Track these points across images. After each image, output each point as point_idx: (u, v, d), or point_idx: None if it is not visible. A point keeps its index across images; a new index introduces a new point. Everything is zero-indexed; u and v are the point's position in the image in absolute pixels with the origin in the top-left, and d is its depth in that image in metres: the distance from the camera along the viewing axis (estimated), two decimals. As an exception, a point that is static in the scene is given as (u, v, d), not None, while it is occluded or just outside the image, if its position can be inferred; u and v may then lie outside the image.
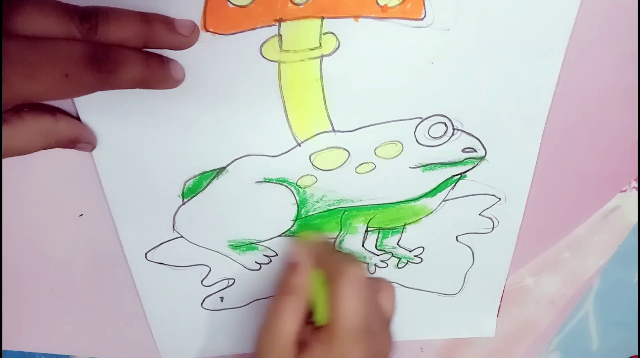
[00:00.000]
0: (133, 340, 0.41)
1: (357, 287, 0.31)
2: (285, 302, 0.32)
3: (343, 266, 0.31)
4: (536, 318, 0.44)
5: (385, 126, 0.32)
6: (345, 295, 0.30)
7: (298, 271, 0.33)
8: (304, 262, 0.33)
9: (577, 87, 0.33)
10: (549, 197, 0.38)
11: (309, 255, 0.33)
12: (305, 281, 0.33)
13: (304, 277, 0.33)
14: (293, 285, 0.33)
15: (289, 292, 0.32)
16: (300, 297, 0.32)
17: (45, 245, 0.36)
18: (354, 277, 0.31)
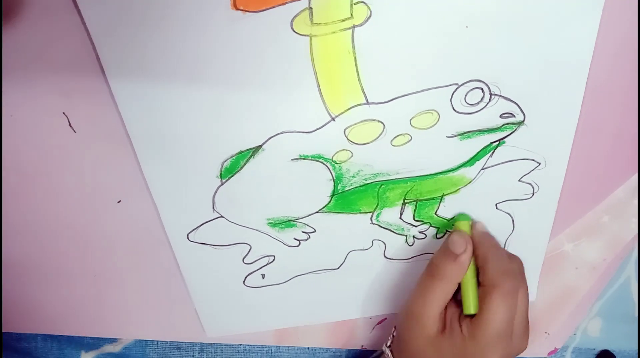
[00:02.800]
0: (177, 320, 0.42)
1: (508, 302, 0.33)
2: (436, 286, 0.34)
3: (500, 277, 0.33)
4: (576, 284, 0.43)
5: (420, 95, 0.31)
6: (498, 306, 0.32)
7: (457, 264, 0.34)
8: (465, 258, 0.34)
9: (616, 46, 0.32)
10: (586, 159, 0.37)
11: (471, 251, 0.34)
12: (461, 274, 0.34)
13: (461, 271, 0.34)
14: (449, 274, 0.34)
15: (441, 278, 0.34)
16: (452, 285, 0.34)
17: (87, 232, 0.37)
18: (507, 292, 0.33)
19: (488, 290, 0.33)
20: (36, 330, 0.42)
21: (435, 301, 0.34)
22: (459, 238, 0.35)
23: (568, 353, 0.48)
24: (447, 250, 0.35)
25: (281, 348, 0.45)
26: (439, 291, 0.34)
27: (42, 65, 0.30)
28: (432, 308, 0.34)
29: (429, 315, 0.34)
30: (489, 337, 0.32)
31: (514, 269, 0.34)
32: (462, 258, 0.34)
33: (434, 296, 0.34)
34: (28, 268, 0.38)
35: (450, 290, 0.34)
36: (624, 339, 0.47)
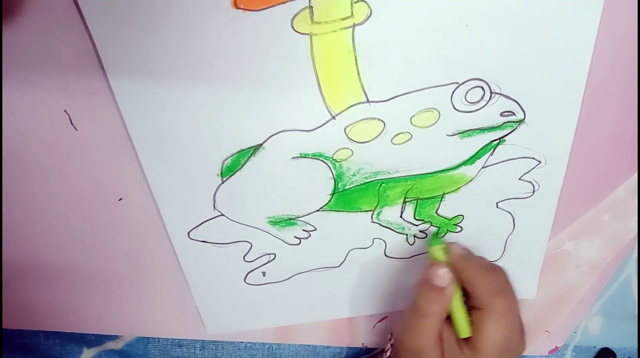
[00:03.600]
0: (179, 317, 0.42)
1: (506, 318, 0.33)
2: (425, 323, 0.33)
3: (493, 297, 0.33)
4: (577, 282, 0.43)
5: (421, 94, 0.31)
6: (494, 327, 0.32)
7: (442, 297, 0.33)
8: (450, 290, 0.33)
9: (616, 44, 0.32)
10: (587, 158, 0.37)
11: (452, 281, 0.34)
12: (447, 306, 0.33)
13: (447, 303, 0.33)
14: (435, 309, 0.33)
15: (428, 314, 0.33)
16: (440, 319, 0.34)
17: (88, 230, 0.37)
18: (502, 313, 0.32)
19: (482, 314, 0.33)
20: (38, 326, 0.42)
21: (426, 335, 0.33)
22: (440, 270, 0.34)
23: (569, 351, 0.48)
24: (430, 285, 0.34)
25: (282, 346, 0.45)
26: (429, 325, 0.33)
27: (44, 63, 0.30)
28: (426, 341, 0.33)
29: (425, 347, 0.33)
30: (490, 355, 0.32)
31: (501, 286, 0.34)
32: (447, 291, 0.33)
33: (425, 332, 0.33)
34: (30, 265, 0.39)
35: (439, 322, 0.34)
36: (624, 337, 0.47)
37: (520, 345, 0.34)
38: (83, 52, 0.30)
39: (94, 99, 0.31)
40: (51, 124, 0.32)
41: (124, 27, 0.28)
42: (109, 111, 0.31)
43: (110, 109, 0.31)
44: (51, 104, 0.31)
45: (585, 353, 0.48)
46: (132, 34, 0.28)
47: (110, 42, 0.29)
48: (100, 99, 0.31)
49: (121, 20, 0.28)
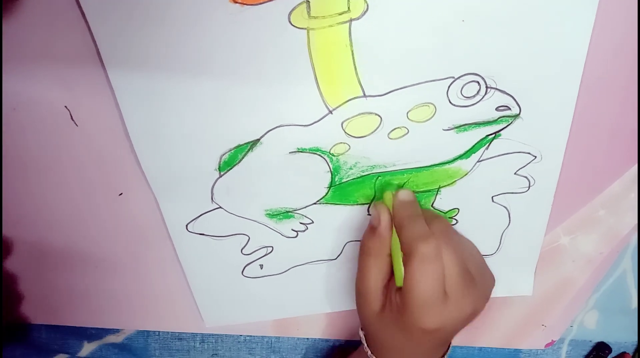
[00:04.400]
0: (179, 310, 0.42)
1: (429, 263, 0.31)
2: (368, 263, 0.34)
3: (415, 242, 0.31)
4: (573, 277, 0.43)
5: (417, 88, 0.32)
6: (417, 271, 0.31)
7: (377, 237, 0.34)
8: (382, 229, 0.33)
9: (611, 41, 0.32)
10: (583, 153, 0.37)
11: (387, 220, 0.34)
12: (384, 247, 0.34)
13: (383, 243, 0.33)
14: (373, 248, 0.34)
15: (369, 253, 0.34)
16: (382, 260, 0.34)
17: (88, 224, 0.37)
18: (425, 257, 0.31)
19: (406, 259, 0.32)
20: (39, 320, 0.43)
21: (372, 278, 0.33)
22: (374, 210, 0.34)
23: (565, 345, 0.48)
24: (369, 224, 0.34)
25: (281, 339, 0.45)
26: (372, 268, 0.34)
27: (45, 59, 0.30)
28: (371, 285, 0.34)
29: (370, 292, 0.34)
30: (417, 304, 0.31)
31: (432, 233, 0.32)
32: (379, 230, 0.33)
33: (370, 274, 0.34)
34: (30, 259, 0.39)
35: (382, 264, 0.34)
36: (620, 331, 0.48)
37: (463, 301, 0.32)
38: (83, 48, 0.30)
39: (95, 95, 0.31)
40: (52, 119, 0.32)
41: (124, 23, 0.28)
42: (110, 106, 0.32)
43: (110, 105, 0.32)
44: (52, 100, 0.32)
45: (581, 347, 0.48)
46: (132, 30, 0.29)
47: (110, 38, 0.29)
48: (101, 95, 0.31)
49: (121, 16, 0.28)
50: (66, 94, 0.32)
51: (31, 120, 0.33)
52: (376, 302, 0.34)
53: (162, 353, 0.45)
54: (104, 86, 0.31)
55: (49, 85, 0.31)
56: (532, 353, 0.48)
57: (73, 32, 0.29)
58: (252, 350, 0.46)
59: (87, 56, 0.30)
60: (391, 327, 0.33)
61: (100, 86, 0.31)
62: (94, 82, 0.31)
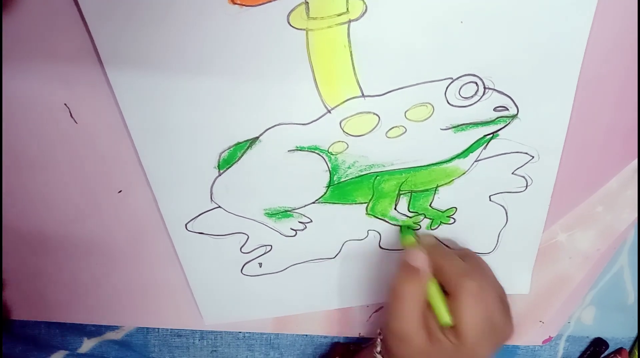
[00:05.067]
0: (178, 307, 0.43)
1: (479, 298, 0.33)
2: (405, 307, 0.34)
3: (460, 279, 0.33)
4: (570, 273, 0.44)
5: (415, 89, 0.32)
6: (470, 313, 0.32)
7: (419, 278, 0.34)
8: (424, 270, 0.34)
9: (608, 41, 0.32)
10: (580, 151, 0.37)
11: (427, 262, 0.35)
12: (424, 287, 0.34)
13: (423, 284, 0.34)
14: (413, 291, 0.34)
15: (406, 297, 0.34)
16: (419, 301, 0.34)
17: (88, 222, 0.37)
18: (473, 293, 0.33)
19: (454, 297, 0.33)
20: (40, 317, 0.43)
21: (408, 319, 0.34)
22: (416, 251, 0.35)
23: (562, 341, 0.49)
24: (405, 266, 0.35)
25: (280, 336, 0.46)
26: (409, 308, 0.34)
27: (44, 57, 0.30)
28: (411, 326, 0.34)
29: (409, 332, 0.34)
30: (474, 338, 0.33)
31: (470, 268, 0.34)
32: (422, 272, 0.34)
33: (405, 316, 0.34)
34: (30, 257, 0.39)
35: (420, 305, 0.34)
36: (617, 327, 0.48)
37: (506, 326, 0.34)
38: (82, 46, 0.30)
39: (94, 92, 0.31)
40: (51, 117, 0.32)
41: (122, 21, 0.28)
42: (109, 104, 0.32)
43: (109, 103, 0.32)
44: (51, 97, 0.32)
45: (578, 343, 0.49)
46: (130, 28, 0.29)
47: (108, 36, 0.29)
48: (100, 93, 0.31)
49: (119, 14, 0.28)
50: (65, 92, 0.32)
51: (30, 118, 0.33)
52: (419, 339, 0.34)
53: (162, 350, 0.45)
54: (103, 83, 0.31)
55: (48, 83, 0.31)
56: (530, 349, 0.48)
57: (72, 30, 0.29)
58: (251, 347, 0.46)
59: (86, 53, 0.30)
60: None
61: (99, 83, 0.31)
62: (93, 80, 0.31)
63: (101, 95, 0.32)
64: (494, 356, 0.34)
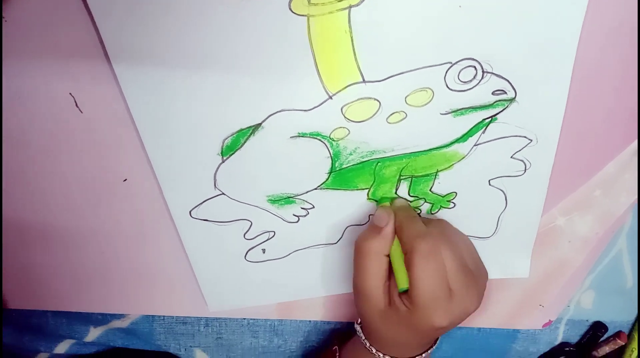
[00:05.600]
0: (182, 295, 0.43)
1: (430, 260, 0.32)
2: (367, 264, 0.35)
3: (413, 241, 0.33)
4: (569, 257, 0.44)
5: (415, 74, 0.32)
6: (420, 270, 0.32)
7: (381, 237, 0.35)
8: (388, 230, 0.35)
9: (604, 24, 0.33)
10: (578, 135, 0.37)
11: (393, 223, 0.35)
12: (385, 245, 0.35)
13: (385, 244, 0.35)
14: (374, 247, 0.35)
15: (369, 253, 0.35)
16: (381, 260, 0.35)
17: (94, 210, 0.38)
18: (424, 251, 0.32)
19: (408, 258, 0.33)
20: (46, 307, 0.43)
21: (373, 278, 0.34)
22: (382, 211, 0.36)
23: (562, 325, 0.49)
24: (372, 226, 0.36)
25: (284, 322, 0.46)
26: (374, 267, 0.35)
27: (49, 47, 0.30)
28: (372, 284, 0.34)
29: (372, 291, 0.34)
30: (425, 302, 0.32)
31: (430, 231, 0.34)
32: (385, 229, 0.35)
33: (371, 274, 0.35)
34: (37, 246, 0.39)
35: (382, 264, 0.35)
36: (615, 310, 0.48)
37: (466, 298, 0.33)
38: (87, 36, 0.30)
39: (99, 82, 0.32)
40: (56, 107, 0.33)
41: (127, 12, 0.29)
42: (113, 93, 0.32)
43: (114, 92, 0.32)
44: (56, 87, 0.32)
45: (578, 326, 0.49)
46: (134, 19, 0.29)
47: (113, 27, 0.29)
48: (105, 82, 0.32)
49: (123, 6, 0.28)
50: (70, 82, 0.32)
51: (36, 107, 0.33)
52: (379, 301, 0.35)
53: (167, 338, 0.45)
54: (107, 73, 0.31)
55: (53, 73, 0.32)
56: (530, 333, 0.49)
57: (77, 21, 0.30)
58: (255, 333, 0.46)
59: (90, 44, 0.30)
60: (397, 326, 0.34)
61: (104, 73, 0.31)
62: (98, 70, 0.31)
63: (106, 84, 0.32)
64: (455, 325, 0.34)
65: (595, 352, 0.49)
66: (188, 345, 0.46)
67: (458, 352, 0.49)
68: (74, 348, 0.45)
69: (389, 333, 0.36)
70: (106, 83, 0.32)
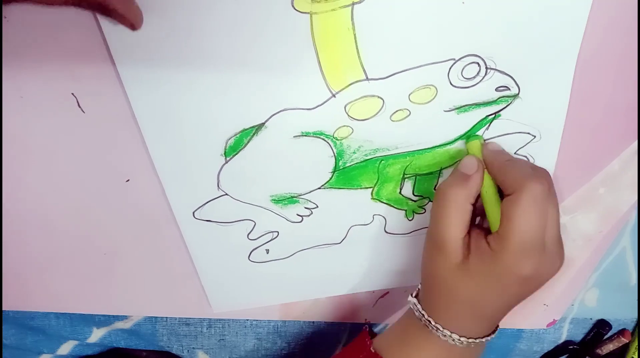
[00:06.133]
0: (185, 296, 0.43)
1: (538, 203, 0.30)
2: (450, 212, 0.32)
3: (525, 180, 0.30)
4: (573, 256, 0.44)
5: (419, 71, 0.32)
6: (525, 211, 0.29)
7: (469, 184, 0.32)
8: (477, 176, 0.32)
9: (609, 20, 0.33)
10: (581, 132, 0.37)
11: (482, 169, 0.33)
12: (472, 193, 0.32)
13: (473, 189, 0.32)
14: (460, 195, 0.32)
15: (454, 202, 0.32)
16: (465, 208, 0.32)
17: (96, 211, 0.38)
18: (536, 192, 0.29)
19: (514, 197, 0.30)
20: (49, 308, 0.43)
21: (454, 228, 0.31)
22: (471, 158, 0.33)
23: (566, 324, 0.49)
24: (456, 172, 0.33)
25: (287, 323, 0.46)
26: (456, 217, 0.31)
27: (51, 47, 0.30)
28: (452, 235, 0.31)
29: (451, 242, 0.31)
30: (519, 245, 0.29)
31: (539, 173, 0.31)
32: (474, 176, 0.32)
33: (453, 223, 0.32)
34: (39, 247, 0.39)
35: (465, 214, 0.32)
36: (619, 308, 0.48)
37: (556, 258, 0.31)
38: (90, 36, 0.30)
39: (101, 82, 0.32)
40: (59, 106, 0.33)
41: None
42: (116, 93, 0.32)
43: (116, 92, 0.32)
44: (59, 87, 0.32)
45: (582, 325, 0.49)
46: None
47: (116, 27, 0.29)
48: (107, 82, 0.32)
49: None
50: (73, 82, 0.32)
51: (38, 107, 0.33)
52: (458, 253, 0.32)
53: (170, 339, 0.45)
54: (110, 73, 0.31)
55: (55, 72, 0.31)
56: (534, 332, 0.49)
57: (79, 20, 0.30)
58: (258, 335, 0.46)
59: (93, 43, 0.30)
60: (475, 278, 0.31)
61: (106, 73, 0.31)
62: (100, 70, 0.31)
63: (108, 84, 0.32)
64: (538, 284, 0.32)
65: (599, 350, 0.49)
66: (191, 346, 0.46)
67: (462, 352, 0.48)
68: (77, 349, 0.45)
69: (461, 291, 0.32)
70: (109, 83, 0.32)
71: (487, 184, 0.33)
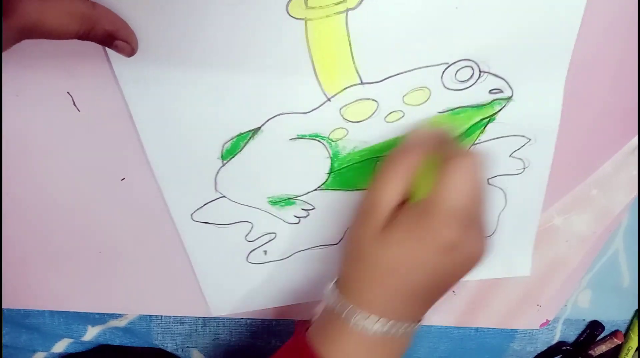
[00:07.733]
0: (181, 295, 0.43)
1: (476, 174, 0.28)
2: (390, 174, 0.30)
3: (462, 150, 0.29)
4: (566, 256, 0.44)
5: (413, 74, 0.32)
6: (456, 174, 0.27)
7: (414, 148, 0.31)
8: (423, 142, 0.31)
9: (601, 24, 0.33)
10: (575, 134, 0.38)
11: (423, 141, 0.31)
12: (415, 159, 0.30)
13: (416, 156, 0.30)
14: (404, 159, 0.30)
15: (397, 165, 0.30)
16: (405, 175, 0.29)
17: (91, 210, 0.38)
18: (476, 161, 0.28)
19: (450, 163, 0.28)
20: (44, 306, 0.43)
21: (388, 191, 0.29)
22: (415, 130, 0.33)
23: (559, 324, 0.49)
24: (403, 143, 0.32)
25: (282, 322, 0.46)
26: (395, 180, 0.29)
27: (47, 45, 0.30)
28: (384, 198, 0.29)
29: (381, 204, 0.29)
30: (447, 210, 0.27)
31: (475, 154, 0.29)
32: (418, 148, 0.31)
33: (386, 186, 0.29)
34: (34, 246, 0.39)
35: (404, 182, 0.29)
36: (612, 309, 0.48)
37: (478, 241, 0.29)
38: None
39: (97, 81, 0.32)
40: (54, 105, 0.33)
41: (126, 13, 0.29)
42: (112, 93, 0.32)
43: (113, 91, 0.32)
44: (54, 86, 0.32)
45: (575, 326, 0.49)
46: (132, 18, 0.29)
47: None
48: (103, 82, 0.32)
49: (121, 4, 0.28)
50: (69, 81, 0.32)
51: (34, 106, 0.33)
52: (381, 218, 0.29)
53: (165, 337, 0.45)
54: (106, 73, 0.31)
55: (51, 71, 0.31)
56: (528, 332, 0.49)
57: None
58: (253, 334, 0.46)
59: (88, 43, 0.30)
60: (397, 242, 0.29)
61: (102, 73, 0.31)
62: (96, 69, 0.31)
63: (104, 84, 0.32)
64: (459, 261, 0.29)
65: (592, 351, 0.49)
66: (185, 345, 0.46)
67: (455, 352, 0.49)
68: (71, 347, 0.45)
69: (381, 259, 0.29)
70: (105, 83, 0.32)
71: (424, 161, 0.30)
